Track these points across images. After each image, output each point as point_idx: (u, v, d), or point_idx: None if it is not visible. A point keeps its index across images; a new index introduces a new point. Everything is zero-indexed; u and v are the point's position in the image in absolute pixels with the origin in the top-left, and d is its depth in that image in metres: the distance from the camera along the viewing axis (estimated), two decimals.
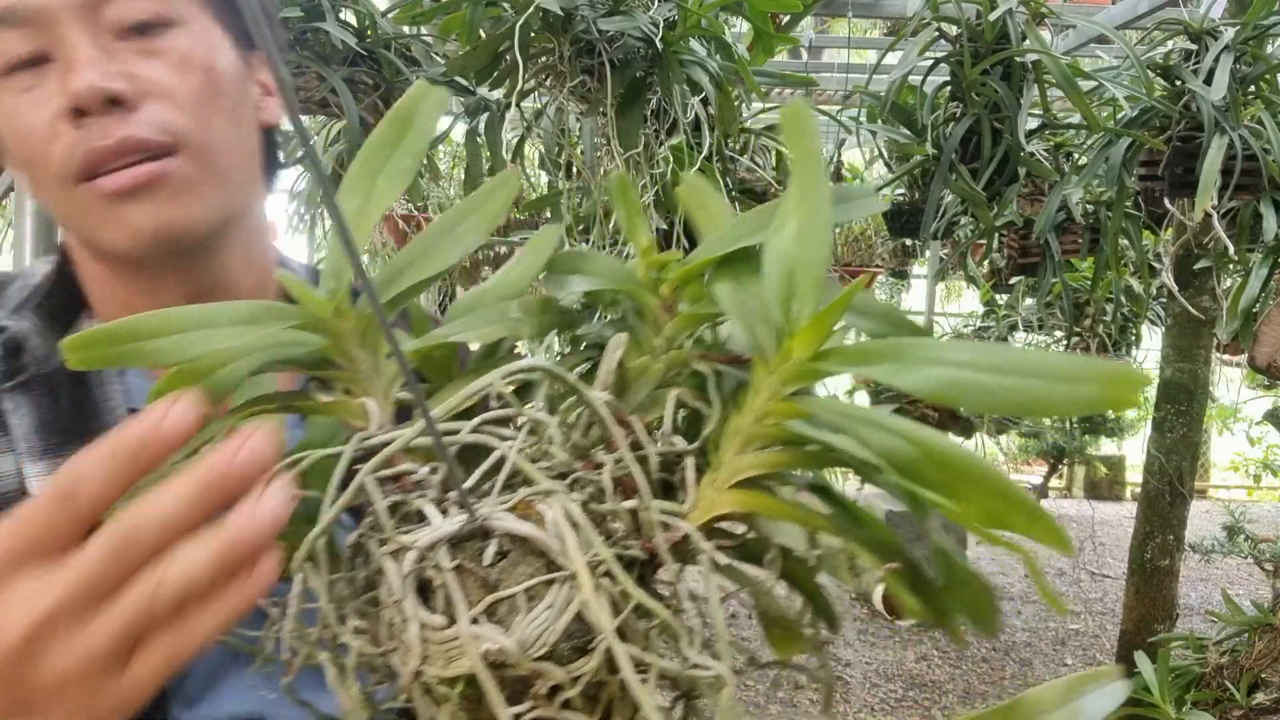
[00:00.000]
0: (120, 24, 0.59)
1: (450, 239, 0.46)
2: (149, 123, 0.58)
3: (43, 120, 0.58)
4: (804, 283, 0.39)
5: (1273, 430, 5.73)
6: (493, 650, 0.33)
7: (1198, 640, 2.62)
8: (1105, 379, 0.33)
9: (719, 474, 0.39)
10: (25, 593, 0.32)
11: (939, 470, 0.34)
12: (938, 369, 0.35)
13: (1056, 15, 2.14)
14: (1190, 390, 3.00)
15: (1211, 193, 1.83)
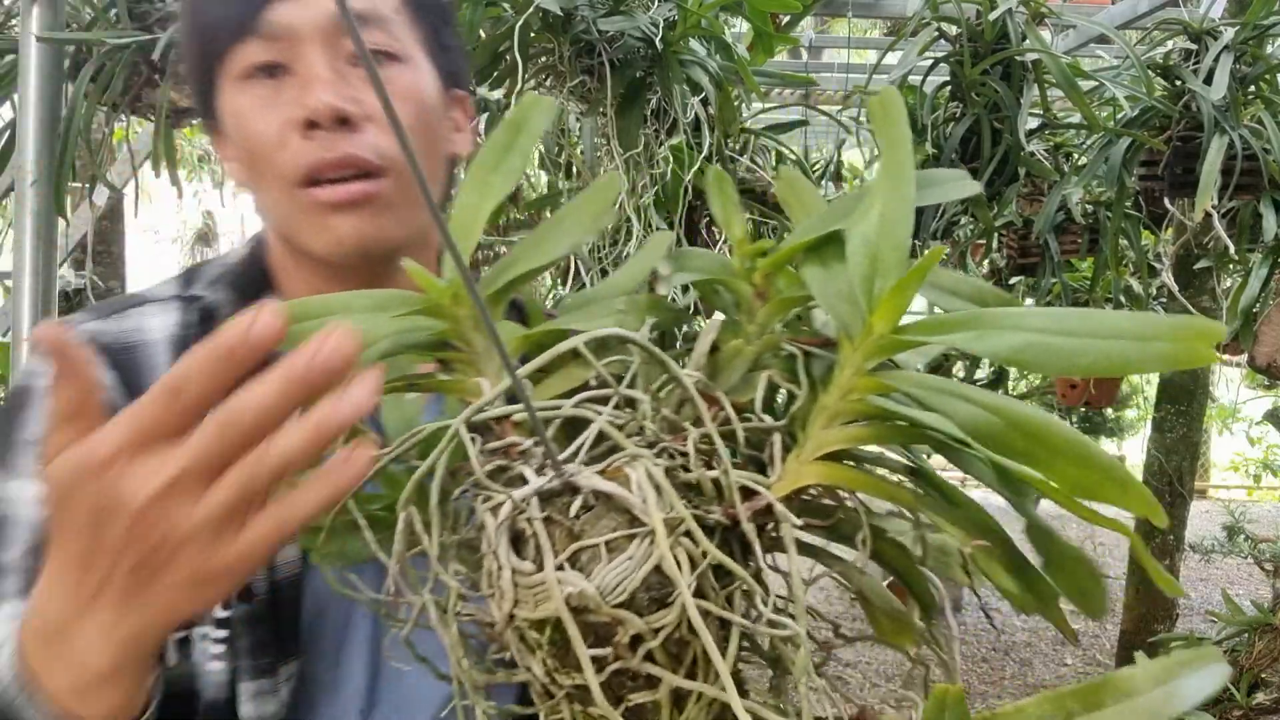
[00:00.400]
0: (354, 51, 0.65)
1: (557, 233, 0.50)
2: (368, 145, 0.65)
3: (274, 126, 0.65)
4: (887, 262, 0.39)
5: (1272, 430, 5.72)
6: (574, 594, 0.35)
7: (1198, 640, 2.62)
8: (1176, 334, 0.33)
9: (804, 449, 0.40)
10: (146, 468, 0.37)
11: (1025, 440, 0.34)
12: (1013, 334, 0.35)
13: (1056, 15, 2.14)
14: (1190, 390, 3.00)
15: (1211, 193, 1.83)
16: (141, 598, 0.39)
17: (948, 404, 0.36)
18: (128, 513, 0.37)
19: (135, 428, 0.37)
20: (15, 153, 1.30)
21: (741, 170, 2.06)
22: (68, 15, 1.35)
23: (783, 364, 0.44)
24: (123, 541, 0.37)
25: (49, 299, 1.30)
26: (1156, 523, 0.33)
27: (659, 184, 1.67)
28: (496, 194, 0.50)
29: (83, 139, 1.38)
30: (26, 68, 1.27)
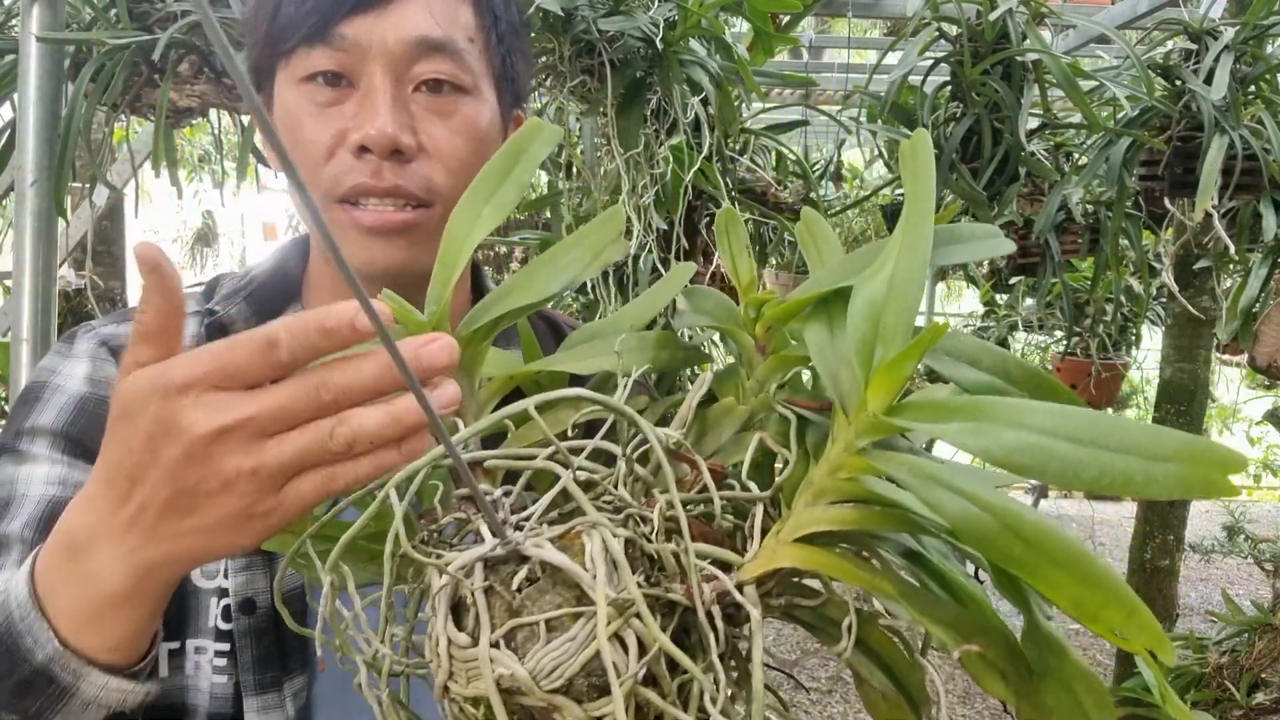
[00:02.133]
0: (421, 78, 0.66)
1: (550, 269, 0.48)
2: (418, 176, 0.65)
3: (326, 137, 0.65)
4: (890, 330, 0.35)
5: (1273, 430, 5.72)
6: (505, 675, 0.33)
7: (1198, 640, 2.62)
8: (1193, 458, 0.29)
9: (786, 526, 0.37)
10: (218, 403, 0.37)
11: (1022, 546, 0.30)
12: (1014, 433, 0.31)
13: (1057, 15, 2.14)
14: (1190, 390, 2.99)
15: (1211, 193, 1.83)
16: (173, 527, 0.39)
17: (939, 497, 0.32)
18: (188, 439, 0.37)
19: (218, 364, 0.38)
20: (15, 153, 1.30)
21: (741, 170, 2.06)
22: (68, 15, 1.35)
23: (779, 426, 0.41)
24: (175, 466, 0.38)
25: (49, 299, 1.30)
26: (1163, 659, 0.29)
27: (659, 184, 1.67)
28: (487, 225, 0.48)
29: (83, 139, 1.38)
30: (26, 68, 1.27)
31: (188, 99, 1.41)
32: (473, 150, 0.67)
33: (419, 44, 0.65)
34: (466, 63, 0.67)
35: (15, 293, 1.29)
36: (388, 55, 0.64)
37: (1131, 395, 5.97)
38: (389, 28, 0.64)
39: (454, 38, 0.66)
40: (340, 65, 0.65)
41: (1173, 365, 3.01)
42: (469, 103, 0.67)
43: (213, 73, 1.39)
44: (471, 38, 0.68)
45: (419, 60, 0.65)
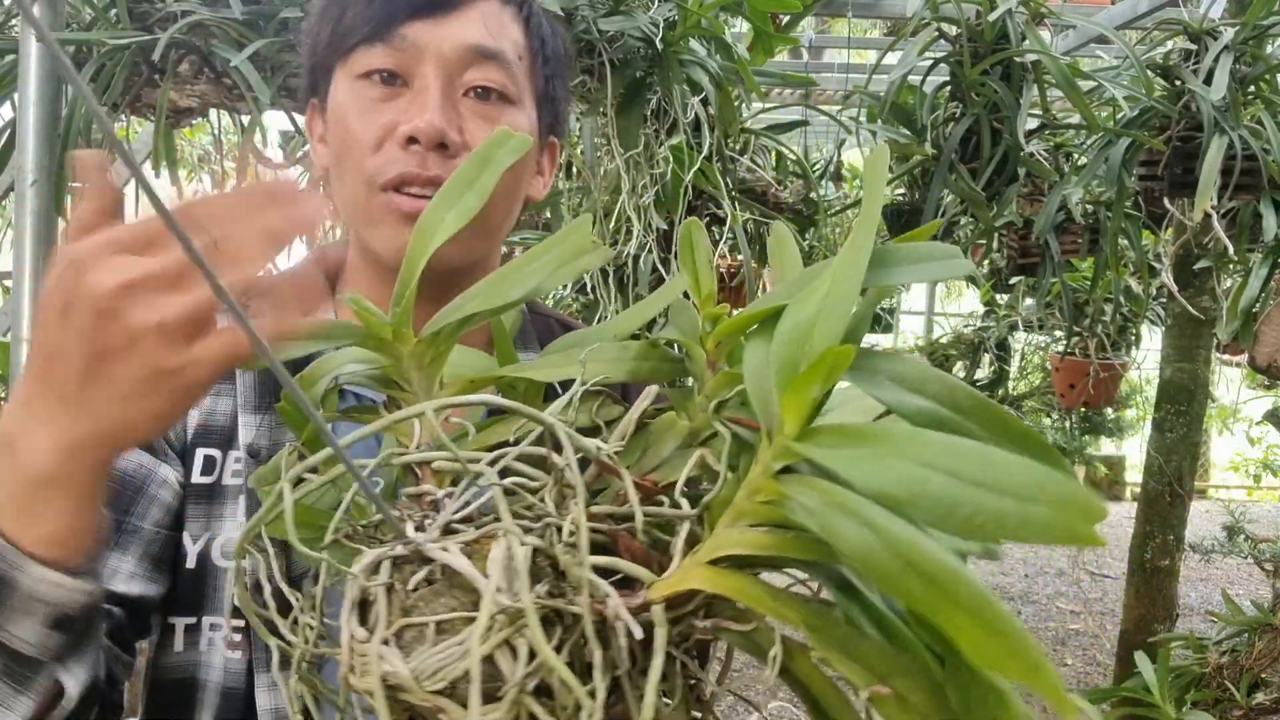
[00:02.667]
0: (472, 84, 0.70)
1: (517, 277, 0.48)
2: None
3: (375, 129, 0.68)
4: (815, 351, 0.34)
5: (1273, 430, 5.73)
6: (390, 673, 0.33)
7: (1198, 640, 2.62)
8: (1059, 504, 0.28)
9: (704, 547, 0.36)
10: (120, 264, 0.40)
11: (923, 585, 0.29)
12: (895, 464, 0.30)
13: (1056, 15, 2.14)
14: (1190, 390, 3.00)
15: (1211, 193, 1.83)
16: (91, 397, 0.41)
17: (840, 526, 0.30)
18: (93, 297, 0.40)
19: (117, 235, 0.41)
20: (15, 153, 1.30)
21: (741, 170, 2.06)
22: (68, 15, 1.35)
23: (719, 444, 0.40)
24: (85, 328, 0.40)
25: None
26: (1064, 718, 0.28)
27: (659, 184, 1.67)
28: (448, 230, 0.48)
29: (83, 139, 1.38)
30: (26, 68, 1.27)
31: (188, 99, 1.41)
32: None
33: (473, 51, 0.69)
34: (514, 75, 0.71)
35: (15, 293, 1.29)
36: (443, 58, 0.68)
37: (1131, 395, 5.97)
38: (446, 33, 0.68)
39: (504, 49, 0.70)
40: (397, 64, 0.69)
41: (1172, 365, 3.01)
42: (513, 112, 0.71)
43: (213, 73, 1.39)
44: (520, 55, 0.72)
45: (471, 66, 0.69)
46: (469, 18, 0.70)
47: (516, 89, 0.71)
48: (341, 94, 0.71)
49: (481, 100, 0.70)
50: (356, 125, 0.69)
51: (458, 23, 0.69)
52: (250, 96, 1.32)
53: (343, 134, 0.70)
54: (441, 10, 0.69)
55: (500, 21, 0.71)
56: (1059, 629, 4.58)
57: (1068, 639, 4.46)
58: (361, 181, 0.69)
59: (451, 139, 0.68)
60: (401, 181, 0.68)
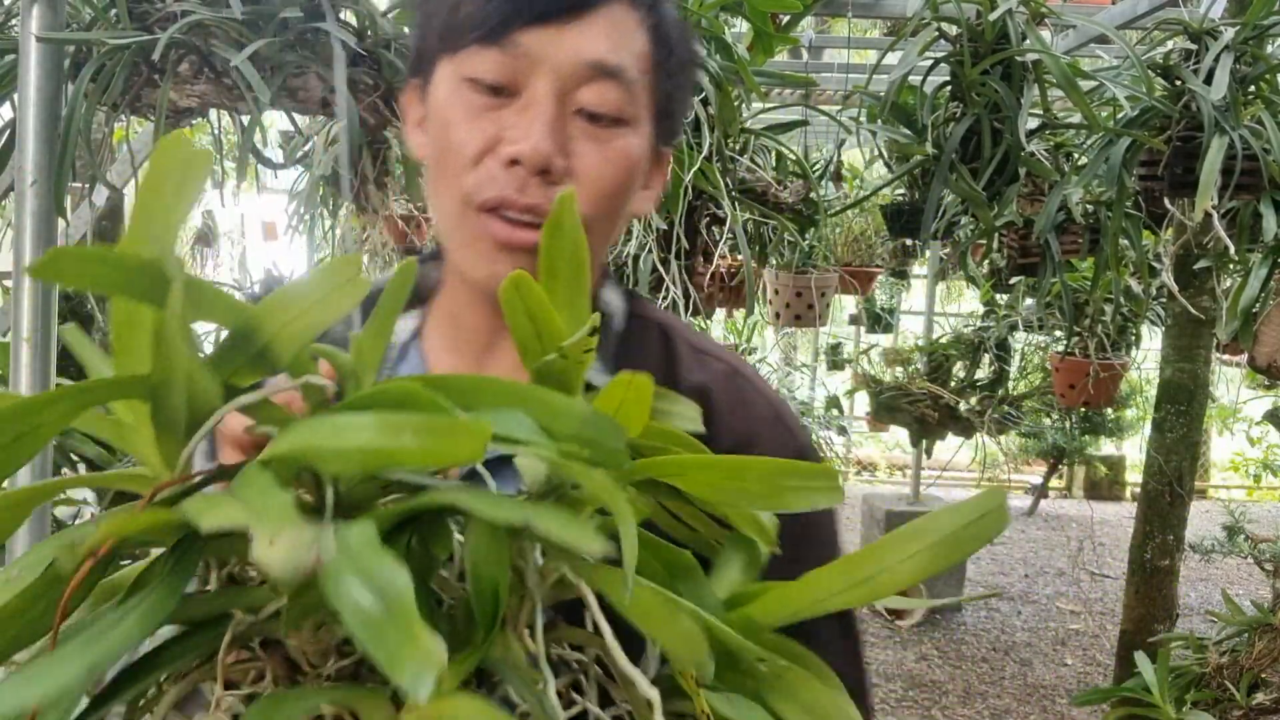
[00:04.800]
0: (586, 105, 0.65)
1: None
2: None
3: (477, 142, 0.64)
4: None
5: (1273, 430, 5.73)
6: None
7: (1198, 640, 2.62)
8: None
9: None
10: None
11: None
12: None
13: (1056, 15, 2.14)
14: (1190, 390, 3.00)
15: (1211, 193, 1.83)
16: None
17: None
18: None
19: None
20: (15, 153, 1.30)
21: (741, 170, 2.06)
22: (68, 15, 1.35)
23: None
24: None
25: (49, 299, 1.30)
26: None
27: None
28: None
29: (83, 139, 1.38)
30: (26, 68, 1.27)
31: (188, 99, 1.41)
32: (620, 181, 0.67)
33: (592, 67, 0.64)
34: (634, 93, 0.66)
35: (15, 293, 1.29)
36: (558, 71, 0.64)
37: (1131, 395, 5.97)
38: (565, 44, 0.64)
39: (627, 66, 0.65)
40: (507, 72, 0.64)
41: (1172, 365, 3.01)
42: (626, 134, 0.67)
43: (213, 73, 1.39)
44: (644, 69, 0.67)
45: (588, 83, 0.65)
46: (592, 28, 0.64)
47: (633, 109, 0.67)
48: (446, 92, 0.66)
49: (593, 122, 0.65)
50: (458, 134, 0.65)
51: (579, 33, 0.64)
52: (250, 96, 1.32)
53: (443, 140, 0.66)
54: (563, 18, 0.63)
55: (625, 32, 0.66)
56: (1059, 629, 4.58)
57: (1068, 639, 4.46)
58: (458, 198, 0.65)
59: (556, 165, 0.63)
60: (500, 204, 0.64)
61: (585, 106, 0.65)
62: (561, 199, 0.46)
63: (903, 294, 6.43)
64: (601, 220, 0.68)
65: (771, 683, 0.38)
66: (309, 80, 1.42)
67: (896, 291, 6.29)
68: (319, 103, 1.45)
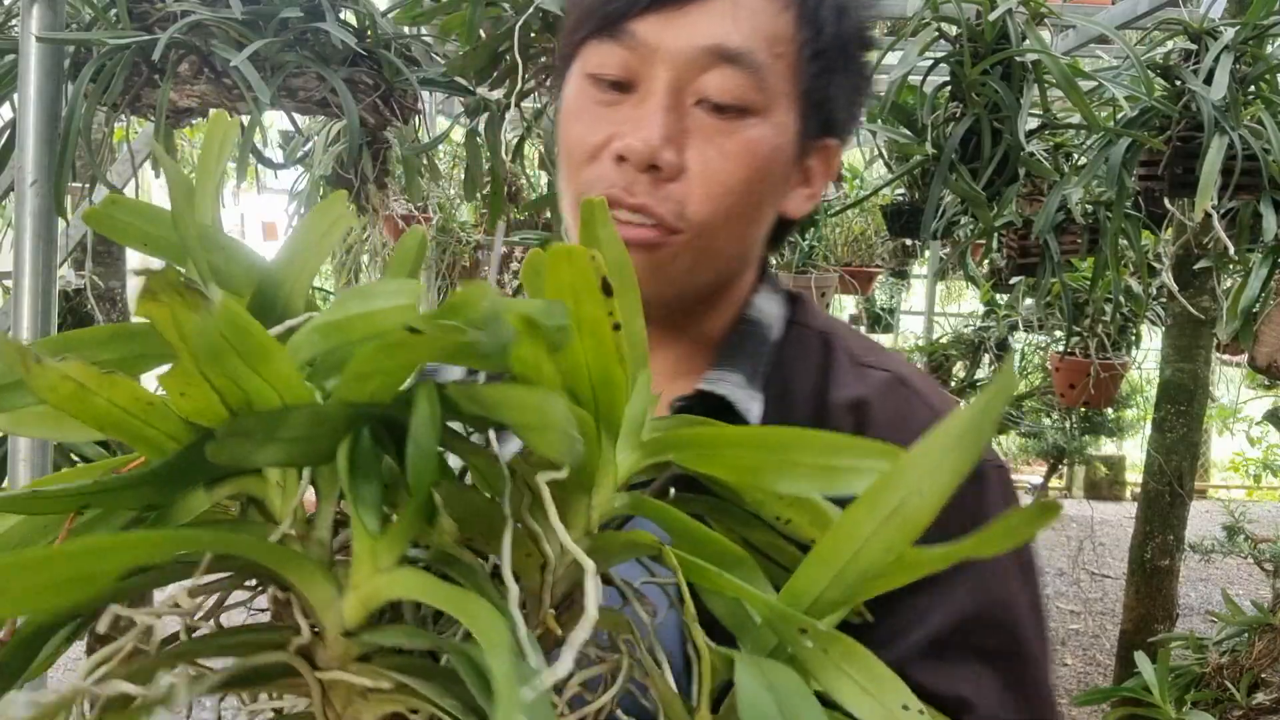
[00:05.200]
0: (705, 94, 0.60)
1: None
2: (670, 200, 0.60)
3: (594, 138, 0.62)
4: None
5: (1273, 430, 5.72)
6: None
7: (1198, 640, 2.62)
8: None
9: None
10: None
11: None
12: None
13: (1056, 15, 2.14)
14: (1190, 390, 3.00)
15: (1211, 193, 1.83)
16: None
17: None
18: None
19: None
20: (15, 153, 1.30)
21: None
22: (68, 15, 1.35)
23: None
24: None
25: (49, 299, 1.30)
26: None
27: None
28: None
29: (83, 139, 1.38)
30: (26, 68, 1.27)
31: (188, 99, 1.41)
32: (744, 178, 0.61)
33: (711, 52, 0.60)
34: (763, 78, 0.61)
35: (15, 293, 1.29)
36: (673, 60, 0.60)
37: (1131, 395, 5.97)
38: (681, 30, 0.60)
39: (753, 49, 0.60)
40: (625, 66, 0.61)
41: (1172, 365, 3.01)
42: (754, 125, 0.61)
43: (213, 73, 1.39)
44: (780, 51, 0.61)
45: (708, 70, 0.60)
46: (714, 10, 0.60)
47: (764, 96, 0.61)
48: (571, 90, 0.64)
49: (717, 113, 0.61)
50: (576, 131, 0.63)
51: (697, 16, 0.60)
52: (250, 96, 1.32)
53: (564, 138, 0.64)
54: (681, 2, 0.59)
55: (755, 11, 0.60)
56: (1059, 629, 4.58)
57: (1068, 639, 4.46)
58: (573, 196, 0.63)
59: (665, 160, 0.59)
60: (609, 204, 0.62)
61: (705, 96, 0.60)
62: (588, 205, 0.41)
63: (903, 294, 6.43)
64: (728, 221, 0.62)
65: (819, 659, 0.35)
66: (309, 80, 1.42)
67: (896, 291, 6.29)
68: (319, 103, 1.45)
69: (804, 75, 0.63)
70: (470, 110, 1.70)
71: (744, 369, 0.66)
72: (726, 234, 0.63)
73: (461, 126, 1.88)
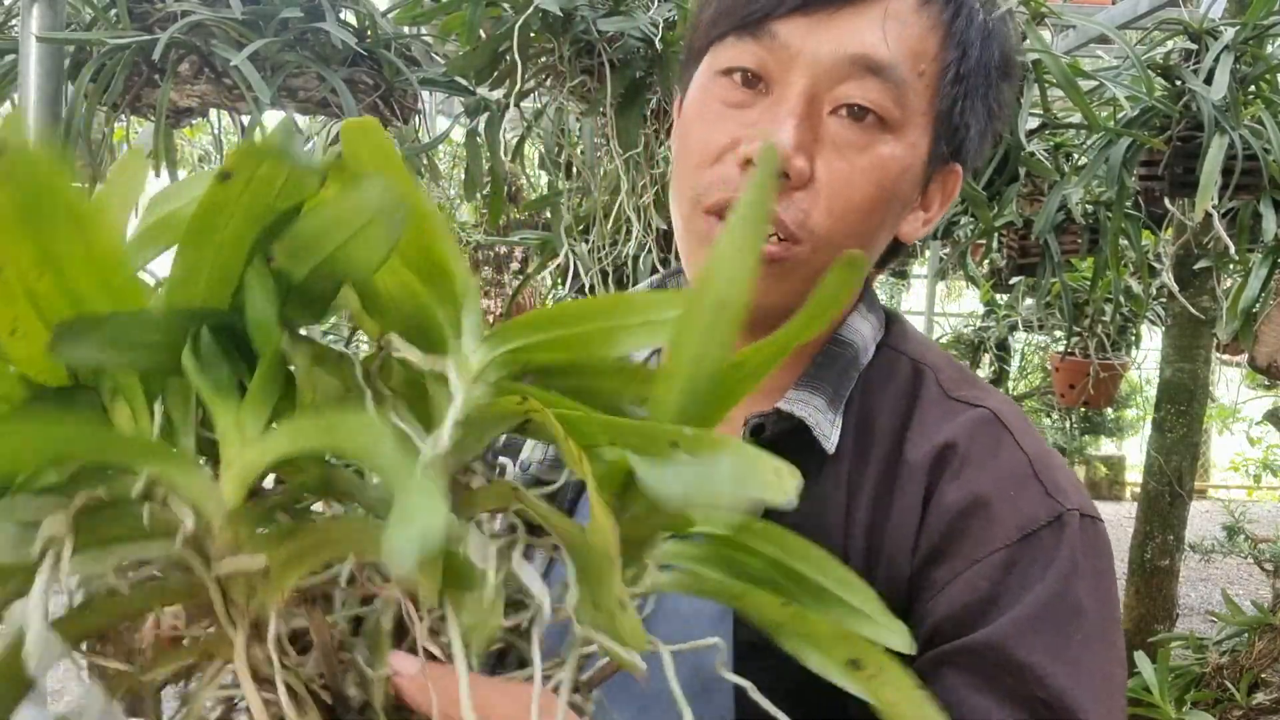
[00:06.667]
0: (844, 100, 0.58)
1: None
2: (795, 209, 0.58)
3: (718, 139, 0.59)
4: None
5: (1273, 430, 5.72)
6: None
7: (1198, 640, 2.62)
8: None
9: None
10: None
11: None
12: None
13: (1057, 15, 2.13)
14: (1190, 390, 3.00)
15: (1212, 193, 1.83)
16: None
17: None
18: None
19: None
20: None
21: None
22: (68, 15, 1.35)
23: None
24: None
25: None
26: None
27: (658, 184, 1.67)
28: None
29: (83, 139, 1.38)
30: (26, 68, 1.27)
31: (188, 99, 1.41)
32: (871, 194, 0.59)
33: (855, 61, 0.57)
34: (903, 95, 0.59)
35: None
36: (814, 66, 0.57)
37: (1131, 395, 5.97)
38: (827, 36, 0.57)
39: (898, 63, 0.58)
40: (761, 65, 0.59)
41: (1172, 365, 3.01)
42: (888, 142, 0.59)
43: (213, 73, 1.39)
44: (923, 69, 0.59)
45: (848, 79, 0.58)
46: (861, 18, 0.57)
47: (901, 113, 0.59)
48: (698, 87, 0.62)
49: (853, 121, 0.58)
50: (699, 130, 0.60)
51: (846, 23, 0.57)
52: (250, 96, 1.32)
53: (684, 136, 0.62)
54: (829, 6, 0.57)
55: (904, 25, 0.58)
56: None
57: None
58: (688, 197, 0.60)
59: (796, 168, 0.57)
60: (722, 207, 0.58)
61: (845, 102, 0.58)
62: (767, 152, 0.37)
63: (903, 294, 6.43)
64: (848, 238, 0.59)
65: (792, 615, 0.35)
66: (309, 80, 1.42)
67: (896, 291, 6.29)
68: (319, 103, 1.45)
69: (943, 97, 0.61)
70: (470, 110, 1.70)
71: (827, 392, 0.63)
72: (846, 246, 0.59)
73: (461, 126, 1.88)
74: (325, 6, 1.41)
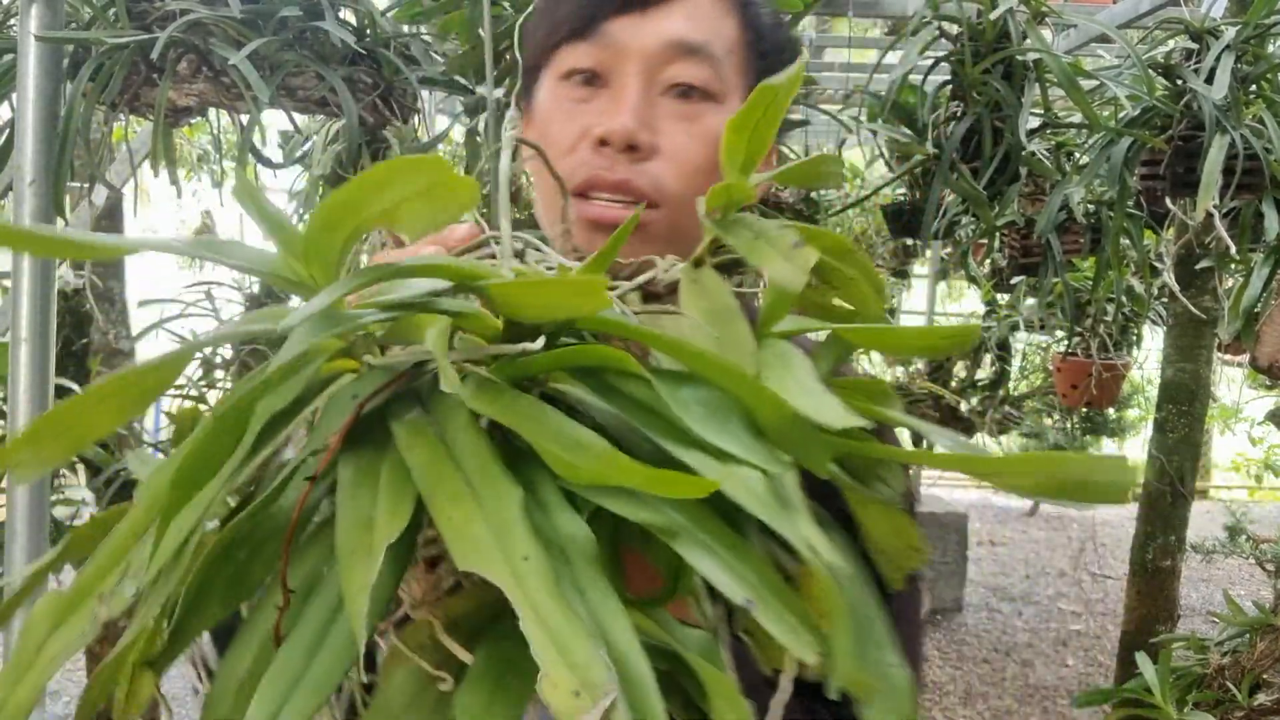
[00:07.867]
0: (672, 82, 0.68)
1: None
2: (649, 175, 0.67)
3: (571, 132, 0.68)
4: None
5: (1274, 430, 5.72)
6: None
7: (1199, 641, 2.61)
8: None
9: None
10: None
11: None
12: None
13: (1057, 14, 2.13)
14: (1192, 390, 2.99)
15: (1213, 192, 1.83)
16: None
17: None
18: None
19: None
20: (13, 152, 1.30)
21: None
22: (67, 15, 1.35)
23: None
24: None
25: (48, 299, 1.29)
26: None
27: None
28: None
29: (81, 138, 1.38)
30: (25, 67, 1.27)
31: (186, 98, 1.41)
32: (708, 157, 0.68)
33: (675, 46, 0.67)
34: (719, 69, 0.69)
35: (14, 293, 1.29)
36: (643, 55, 0.67)
37: (1133, 395, 5.96)
38: (649, 29, 0.67)
39: (710, 43, 0.68)
40: (598, 63, 0.68)
41: (1174, 365, 3.01)
42: (715, 111, 0.69)
43: (211, 72, 1.39)
44: (731, 49, 0.70)
45: (673, 62, 0.68)
46: (675, 11, 0.68)
47: (722, 86, 0.69)
48: (545, 96, 0.71)
49: (682, 98, 0.68)
50: (554, 129, 0.69)
51: (661, 17, 0.68)
52: (249, 95, 1.32)
53: (542, 138, 0.70)
54: (645, 5, 0.68)
55: (708, 14, 0.69)
56: (1060, 630, 4.57)
57: (1069, 640, 4.46)
58: (553, 188, 0.67)
59: (642, 140, 0.66)
60: (591, 185, 0.66)
61: (670, 81, 0.67)
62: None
63: (903, 294, 6.42)
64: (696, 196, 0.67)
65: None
66: (308, 79, 1.41)
67: (897, 291, 6.28)
68: (318, 101, 1.44)
69: (753, 72, 0.71)
70: (470, 109, 1.69)
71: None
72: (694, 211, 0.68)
73: (462, 126, 1.88)
74: (324, 5, 1.41)
